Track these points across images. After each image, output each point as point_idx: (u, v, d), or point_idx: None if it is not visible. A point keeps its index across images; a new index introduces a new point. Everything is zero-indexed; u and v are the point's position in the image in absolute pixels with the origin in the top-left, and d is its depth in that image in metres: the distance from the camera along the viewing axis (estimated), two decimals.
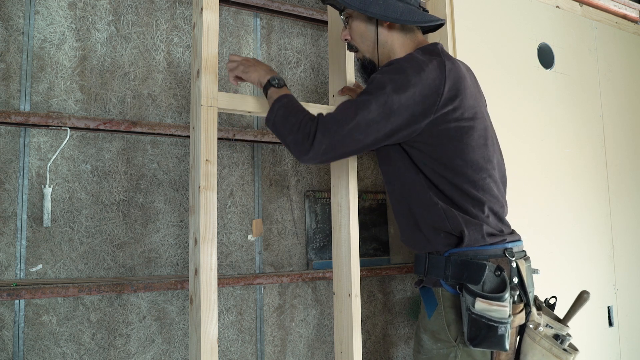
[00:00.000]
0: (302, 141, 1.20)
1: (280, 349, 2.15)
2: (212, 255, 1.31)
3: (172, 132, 1.91)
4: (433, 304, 1.25)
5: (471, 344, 1.15)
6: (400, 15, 1.31)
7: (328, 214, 2.30)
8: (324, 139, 1.18)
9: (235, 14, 2.19)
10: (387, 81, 1.20)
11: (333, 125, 1.19)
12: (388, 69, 1.25)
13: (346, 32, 1.44)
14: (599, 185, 2.45)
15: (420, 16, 1.34)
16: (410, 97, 1.18)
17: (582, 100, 2.44)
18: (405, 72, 1.21)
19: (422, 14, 1.36)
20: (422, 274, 1.29)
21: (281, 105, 1.28)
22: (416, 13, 1.34)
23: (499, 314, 1.12)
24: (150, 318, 1.89)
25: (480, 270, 1.17)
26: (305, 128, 1.20)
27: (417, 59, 1.24)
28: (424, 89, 1.19)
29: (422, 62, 1.23)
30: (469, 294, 1.15)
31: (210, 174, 1.34)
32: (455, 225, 1.22)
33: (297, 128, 1.21)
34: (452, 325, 1.22)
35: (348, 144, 1.20)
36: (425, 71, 1.21)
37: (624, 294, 2.45)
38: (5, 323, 1.66)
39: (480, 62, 2.07)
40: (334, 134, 1.18)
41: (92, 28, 1.88)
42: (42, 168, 1.76)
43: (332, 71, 1.71)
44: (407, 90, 1.18)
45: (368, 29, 1.39)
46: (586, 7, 2.56)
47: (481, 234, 1.23)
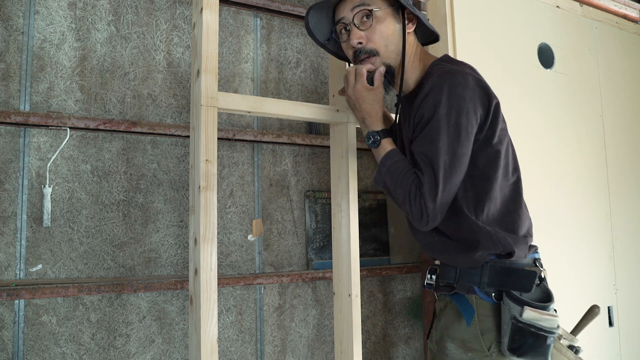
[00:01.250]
0: (419, 217, 1.14)
1: (280, 349, 2.15)
2: (212, 255, 1.31)
3: (172, 132, 1.91)
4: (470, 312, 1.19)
5: (514, 354, 1.10)
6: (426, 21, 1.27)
7: (328, 214, 2.29)
8: (435, 207, 1.12)
9: (235, 14, 2.19)
10: (446, 109, 1.13)
11: (436, 191, 1.12)
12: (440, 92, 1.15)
13: (361, 34, 1.26)
14: (599, 185, 2.45)
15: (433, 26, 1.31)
16: (471, 115, 1.14)
17: (582, 100, 2.44)
18: (461, 94, 1.15)
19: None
20: (452, 280, 1.23)
21: (387, 171, 1.21)
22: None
23: (550, 323, 1.09)
24: (150, 318, 1.89)
25: (530, 278, 1.13)
26: (416, 203, 1.13)
27: (465, 75, 1.18)
28: (477, 107, 1.16)
29: (471, 77, 1.18)
30: (514, 302, 1.11)
31: (210, 174, 1.34)
32: (506, 246, 1.18)
33: (408, 201, 1.14)
34: (487, 333, 1.17)
35: (453, 191, 1.15)
36: (475, 88, 1.17)
37: (624, 294, 2.44)
38: (5, 323, 1.66)
39: (480, 62, 2.07)
40: (441, 196, 1.12)
41: (92, 28, 1.88)
42: (42, 168, 1.76)
43: (332, 71, 1.71)
44: (468, 112, 1.14)
45: (397, 33, 1.27)
46: (586, 7, 2.56)
47: (527, 249, 1.21)
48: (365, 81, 1.27)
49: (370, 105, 1.28)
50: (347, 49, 1.33)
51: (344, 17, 1.29)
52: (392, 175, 1.19)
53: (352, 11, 1.27)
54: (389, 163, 1.21)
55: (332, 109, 1.62)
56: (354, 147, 1.64)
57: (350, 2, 1.27)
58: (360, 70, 1.27)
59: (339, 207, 1.64)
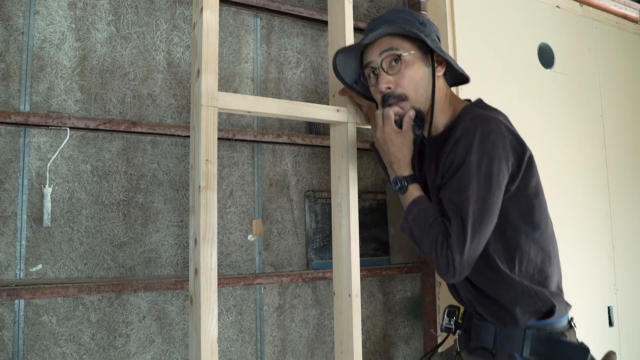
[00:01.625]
0: (445, 269, 1.09)
1: (280, 349, 2.15)
2: (212, 255, 1.31)
3: (172, 132, 1.92)
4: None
5: None
6: (455, 63, 1.24)
7: (328, 214, 2.30)
8: (463, 258, 1.08)
9: (235, 14, 2.19)
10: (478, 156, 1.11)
11: (464, 242, 1.08)
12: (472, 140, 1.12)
13: (389, 78, 1.25)
14: (599, 185, 2.45)
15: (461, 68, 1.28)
16: (502, 164, 1.11)
17: (582, 100, 2.44)
18: (493, 141, 1.12)
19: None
20: (490, 344, 1.19)
21: (414, 219, 1.18)
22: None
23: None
24: (150, 318, 1.89)
25: (582, 355, 1.13)
26: (442, 254, 1.09)
27: (498, 123, 1.15)
28: (509, 156, 1.13)
29: (504, 125, 1.16)
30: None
31: (210, 174, 1.34)
32: (545, 302, 1.16)
33: (434, 251, 1.11)
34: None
35: (482, 243, 1.12)
36: (508, 136, 1.14)
37: (624, 294, 2.45)
38: (5, 323, 1.66)
39: (480, 62, 2.07)
40: (469, 247, 1.08)
41: (92, 28, 1.88)
42: (42, 168, 1.76)
43: (332, 71, 1.71)
44: (500, 160, 1.11)
45: (426, 77, 1.25)
46: (586, 7, 2.56)
47: (565, 304, 1.20)
48: (393, 124, 1.25)
49: (398, 148, 1.25)
50: (375, 93, 1.32)
51: (372, 61, 1.29)
52: (419, 223, 1.16)
53: (381, 55, 1.26)
54: (415, 210, 1.18)
55: (332, 109, 1.62)
56: (354, 147, 1.64)
57: (379, 46, 1.26)
58: (388, 113, 1.25)
59: (339, 207, 1.64)
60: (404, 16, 1.27)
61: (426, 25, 1.27)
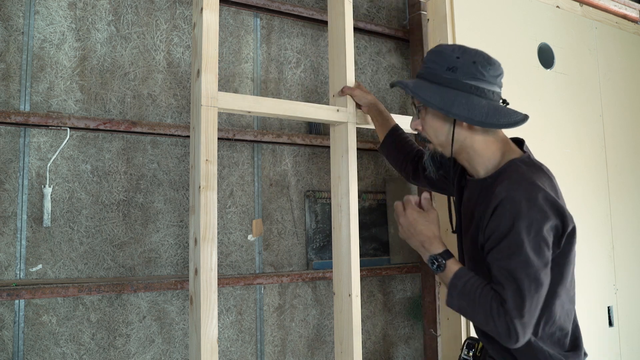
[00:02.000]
0: (507, 335, 1.10)
1: (280, 349, 2.15)
2: (212, 255, 1.31)
3: (172, 132, 1.92)
4: None
5: None
6: (485, 118, 1.20)
7: (328, 214, 2.29)
8: (523, 322, 1.09)
9: (235, 14, 2.19)
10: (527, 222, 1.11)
11: (522, 306, 1.09)
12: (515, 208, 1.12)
13: (417, 122, 1.33)
14: (599, 185, 2.45)
15: (506, 117, 1.21)
16: (549, 231, 1.13)
17: (582, 100, 2.44)
18: (541, 208, 1.13)
19: (507, 113, 1.23)
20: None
21: (460, 294, 1.17)
22: (501, 112, 1.22)
23: None
24: (150, 318, 1.89)
25: None
26: (501, 321, 1.09)
27: (544, 191, 1.15)
28: (554, 224, 1.14)
29: (549, 194, 1.16)
30: None
31: (210, 174, 1.34)
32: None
33: (492, 319, 1.11)
34: None
35: (539, 305, 1.12)
36: (555, 204, 1.15)
37: (624, 294, 2.45)
38: (5, 323, 1.66)
39: None
40: (529, 310, 1.09)
41: (92, 28, 1.88)
42: (42, 168, 1.76)
43: (332, 71, 1.71)
44: (547, 226, 1.13)
45: (446, 127, 1.27)
46: (586, 7, 2.56)
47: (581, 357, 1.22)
48: (414, 206, 1.28)
49: (425, 226, 1.26)
50: None
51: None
52: (467, 296, 1.16)
53: (413, 99, 1.35)
54: (460, 284, 1.17)
55: (332, 109, 1.62)
56: (354, 147, 1.64)
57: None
58: (408, 198, 1.29)
59: (339, 207, 1.64)
60: (435, 60, 1.28)
61: (456, 70, 1.24)
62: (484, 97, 1.23)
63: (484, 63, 1.24)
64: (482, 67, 1.23)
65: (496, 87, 1.25)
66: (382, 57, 2.60)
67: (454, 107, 1.21)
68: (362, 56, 2.53)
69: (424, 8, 2.51)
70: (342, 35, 1.66)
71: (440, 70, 1.25)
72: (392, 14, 2.66)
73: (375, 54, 2.58)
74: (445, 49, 1.28)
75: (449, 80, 1.23)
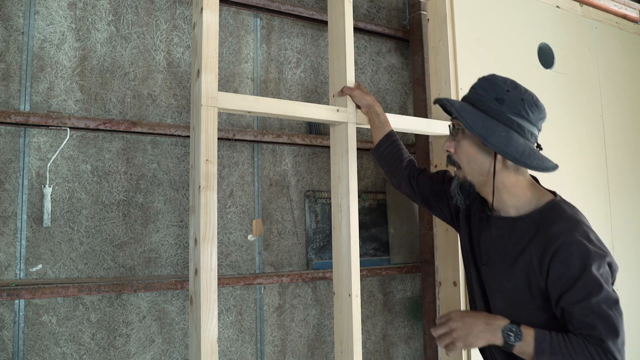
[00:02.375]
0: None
1: (280, 349, 2.15)
2: (212, 255, 1.31)
3: (172, 132, 1.92)
4: None
5: None
6: (520, 156, 1.19)
7: (328, 214, 2.29)
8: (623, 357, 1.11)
9: (235, 14, 2.19)
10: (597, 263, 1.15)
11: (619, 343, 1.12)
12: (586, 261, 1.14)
13: (450, 143, 1.30)
14: (599, 185, 2.45)
15: (539, 160, 1.21)
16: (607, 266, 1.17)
17: (582, 100, 2.44)
18: (600, 246, 1.18)
19: (540, 156, 1.23)
20: None
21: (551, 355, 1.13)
22: (535, 155, 1.22)
23: None
24: (150, 318, 1.89)
25: None
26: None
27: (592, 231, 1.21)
28: (609, 258, 1.18)
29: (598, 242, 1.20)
30: None
31: (210, 174, 1.34)
32: None
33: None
34: None
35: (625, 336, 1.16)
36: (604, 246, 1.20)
37: (624, 294, 2.44)
38: (5, 323, 1.66)
39: (480, 62, 2.07)
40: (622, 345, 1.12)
41: (92, 28, 1.88)
42: (42, 168, 1.76)
43: (332, 71, 1.71)
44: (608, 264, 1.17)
45: (480, 156, 1.26)
46: (586, 7, 2.56)
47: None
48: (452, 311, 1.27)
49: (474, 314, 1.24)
50: None
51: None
52: (560, 355, 1.13)
53: (453, 118, 1.31)
54: (547, 347, 1.14)
55: (332, 109, 1.62)
56: (354, 147, 1.64)
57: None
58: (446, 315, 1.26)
59: (339, 207, 1.64)
60: (485, 87, 1.27)
61: (503, 102, 1.23)
62: (522, 136, 1.22)
63: (531, 103, 1.23)
64: (528, 107, 1.23)
65: (535, 130, 1.25)
66: (382, 57, 2.60)
67: (493, 136, 1.20)
68: (362, 56, 2.53)
69: (424, 8, 2.51)
70: (342, 35, 1.66)
71: (487, 99, 1.25)
72: (392, 14, 2.66)
73: (375, 54, 2.58)
74: (497, 80, 1.27)
75: (495, 111, 1.23)
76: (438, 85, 2.01)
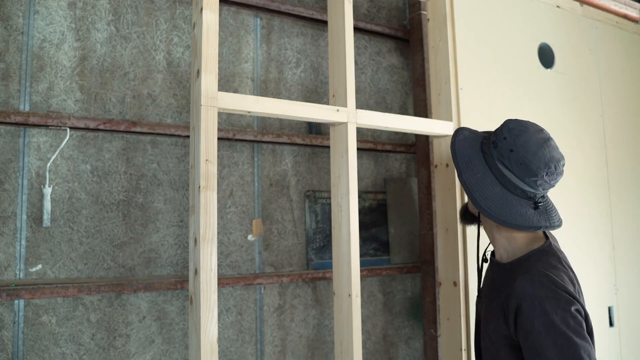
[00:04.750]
0: None
1: (280, 349, 2.15)
2: (212, 255, 1.31)
3: (172, 132, 1.91)
4: None
5: None
6: (482, 200, 1.23)
7: (328, 214, 2.29)
8: None
9: (235, 14, 2.19)
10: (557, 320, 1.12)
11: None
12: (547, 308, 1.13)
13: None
14: (599, 185, 2.45)
15: (502, 213, 1.23)
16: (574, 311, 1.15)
17: (582, 100, 2.44)
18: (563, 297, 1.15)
19: (507, 210, 1.24)
20: None
21: None
22: (503, 207, 1.23)
23: None
24: (150, 318, 1.89)
25: None
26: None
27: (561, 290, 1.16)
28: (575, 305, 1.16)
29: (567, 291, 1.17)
30: None
31: (210, 174, 1.34)
32: None
33: None
34: None
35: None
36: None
37: (624, 294, 2.44)
38: (5, 323, 1.66)
39: (480, 62, 2.07)
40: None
41: (91, 28, 1.88)
42: (42, 168, 1.76)
43: (332, 71, 1.71)
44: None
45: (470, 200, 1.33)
46: (586, 6, 2.56)
47: None
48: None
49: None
50: None
51: None
52: None
53: None
54: None
55: (332, 109, 1.62)
56: (354, 147, 1.64)
57: None
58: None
59: (339, 207, 1.64)
60: (492, 132, 1.30)
61: (497, 146, 1.26)
62: (502, 185, 1.24)
63: (519, 157, 1.23)
64: (514, 160, 1.23)
65: (525, 186, 1.24)
66: (382, 57, 2.59)
67: (467, 173, 1.24)
68: (362, 56, 2.53)
69: (424, 8, 2.51)
70: (342, 35, 1.66)
71: (490, 140, 1.29)
72: (392, 14, 2.66)
73: (375, 54, 2.58)
74: (509, 125, 1.28)
75: (487, 153, 1.27)
76: (438, 85, 2.01)
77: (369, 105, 2.50)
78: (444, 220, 1.94)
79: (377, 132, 2.52)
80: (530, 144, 1.24)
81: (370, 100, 2.52)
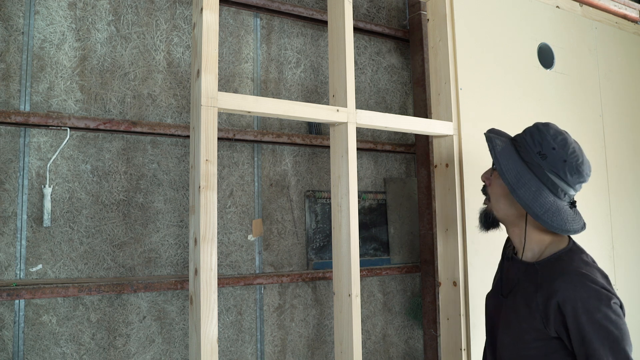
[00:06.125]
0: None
1: (280, 349, 2.15)
2: (212, 255, 1.31)
3: (172, 132, 1.92)
4: None
5: None
6: (543, 214, 1.22)
7: (328, 214, 2.29)
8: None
9: (235, 14, 2.19)
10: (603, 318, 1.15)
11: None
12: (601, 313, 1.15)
13: (488, 175, 1.38)
14: (599, 185, 2.45)
15: (561, 220, 1.23)
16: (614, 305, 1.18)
17: (582, 100, 2.44)
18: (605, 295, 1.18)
19: (565, 216, 1.24)
20: None
21: None
22: (560, 214, 1.24)
23: None
24: (150, 318, 1.89)
25: None
26: None
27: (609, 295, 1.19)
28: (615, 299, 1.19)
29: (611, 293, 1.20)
30: None
31: (210, 174, 1.34)
32: None
33: None
34: None
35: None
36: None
37: (624, 294, 2.44)
38: (5, 323, 1.66)
39: (480, 62, 2.07)
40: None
41: (92, 28, 1.88)
42: (42, 168, 1.76)
43: (332, 71, 1.71)
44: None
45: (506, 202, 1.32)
46: (586, 7, 2.56)
47: None
48: None
49: None
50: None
51: None
52: None
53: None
54: None
55: (332, 109, 1.62)
56: (354, 147, 1.64)
57: None
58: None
59: (339, 207, 1.64)
60: (534, 137, 1.29)
61: (545, 158, 1.25)
62: (554, 194, 1.25)
63: (573, 167, 1.25)
64: (569, 170, 1.25)
65: (571, 191, 1.27)
66: (382, 57, 2.60)
67: (522, 190, 1.24)
68: (362, 56, 2.53)
69: (424, 8, 2.51)
70: (342, 35, 1.67)
71: (532, 150, 1.28)
72: (392, 14, 2.66)
73: (375, 54, 2.58)
74: (549, 132, 1.29)
75: (534, 164, 1.26)
76: (438, 85, 2.01)
77: (368, 105, 2.51)
78: (444, 220, 1.94)
79: (377, 132, 2.52)
80: (577, 151, 1.27)
81: (370, 100, 2.52)
